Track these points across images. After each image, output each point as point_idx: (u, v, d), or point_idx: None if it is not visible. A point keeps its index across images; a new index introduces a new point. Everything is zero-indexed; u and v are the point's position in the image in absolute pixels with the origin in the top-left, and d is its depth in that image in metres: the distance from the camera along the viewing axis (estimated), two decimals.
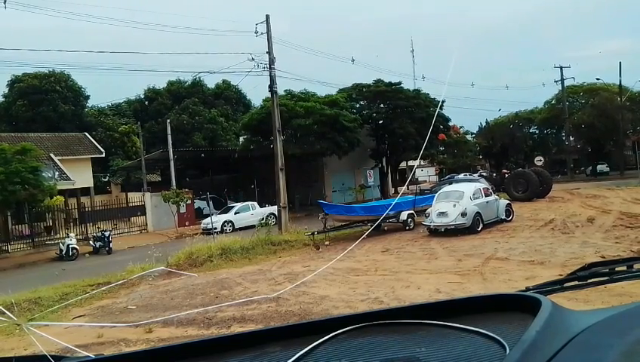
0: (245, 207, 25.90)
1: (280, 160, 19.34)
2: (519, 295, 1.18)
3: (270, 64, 19.30)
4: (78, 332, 7.50)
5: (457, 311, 1.13)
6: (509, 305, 1.13)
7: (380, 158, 37.60)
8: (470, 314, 1.11)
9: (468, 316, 1.10)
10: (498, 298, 1.20)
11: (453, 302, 1.22)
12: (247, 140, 30.69)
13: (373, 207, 16.97)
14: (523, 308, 1.06)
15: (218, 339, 1.18)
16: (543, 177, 24.79)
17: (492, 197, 15.83)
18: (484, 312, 1.13)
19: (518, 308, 1.09)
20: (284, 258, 13.59)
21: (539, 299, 1.02)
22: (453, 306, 1.18)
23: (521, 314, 1.05)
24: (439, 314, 1.11)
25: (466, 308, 1.15)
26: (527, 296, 1.13)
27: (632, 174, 39.00)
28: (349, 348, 1.04)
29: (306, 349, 1.01)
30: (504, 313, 1.11)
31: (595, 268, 1.53)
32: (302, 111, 27.38)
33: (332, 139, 28.06)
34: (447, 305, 1.21)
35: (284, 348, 1.07)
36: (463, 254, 11.23)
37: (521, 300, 1.11)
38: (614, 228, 12.64)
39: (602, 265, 1.57)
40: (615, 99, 40.26)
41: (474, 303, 1.18)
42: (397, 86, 33.57)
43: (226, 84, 50.57)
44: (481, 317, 1.08)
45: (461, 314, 1.11)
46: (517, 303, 1.11)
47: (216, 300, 9.28)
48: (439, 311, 1.15)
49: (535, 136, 54.75)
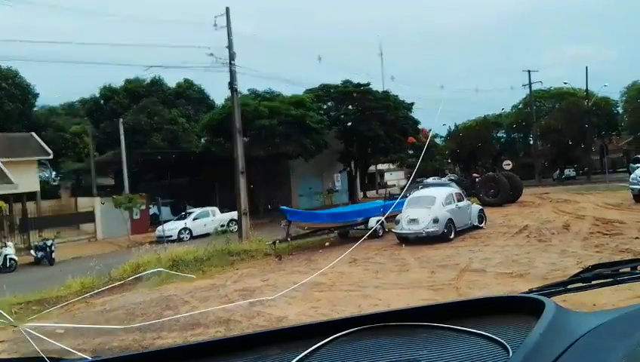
0: (205, 213, 24.47)
1: (240, 162, 18.07)
2: (522, 297, 1.18)
3: (230, 60, 18.05)
4: None
5: (460, 313, 1.13)
6: (512, 307, 1.12)
7: (348, 162, 36.70)
8: (473, 317, 1.10)
9: (470, 318, 1.09)
10: (501, 300, 1.20)
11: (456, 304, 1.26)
12: (208, 141, 29.23)
13: (340, 214, 15.90)
14: (526, 310, 1.05)
15: (217, 342, 1.17)
16: (514, 181, 24.37)
17: (464, 202, 15.03)
18: (486, 314, 1.12)
19: (521, 310, 1.08)
20: (242, 270, 12.36)
21: (542, 301, 1.02)
22: (456, 308, 1.18)
23: (524, 316, 1.04)
24: (441, 316, 1.10)
25: (468, 310, 1.15)
26: (530, 297, 1.13)
27: (598, 178, 39.49)
28: (350, 350, 1.03)
29: (306, 352, 1.00)
30: (507, 315, 1.10)
31: (598, 270, 1.52)
32: (266, 112, 26.15)
33: (298, 141, 26.92)
34: (449, 307, 1.21)
35: (284, 351, 1.06)
36: (436, 265, 10.28)
37: (525, 302, 1.11)
38: (592, 235, 11.97)
39: (606, 267, 1.56)
40: (582, 103, 40.72)
41: (476, 305, 1.17)
42: (365, 87, 32.76)
43: (188, 83, 48.73)
44: (484, 320, 1.08)
45: (463, 316, 1.10)
46: (520, 305, 1.10)
47: (158, 322, 7.96)
48: (441, 313, 1.14)
49: (503, 141, 55.21)
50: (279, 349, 1.09)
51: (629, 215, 14.60)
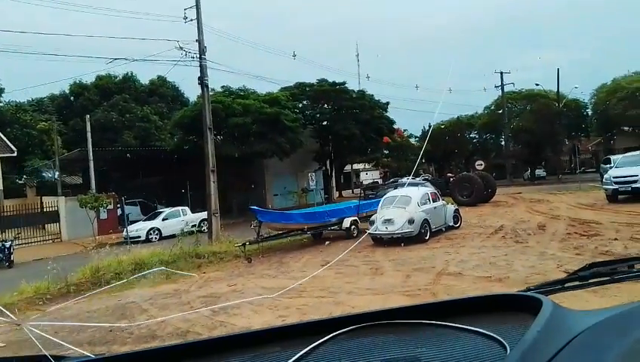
0: (175, 213, 23.60)
1: (211, 160, 17.39)
2: (520, 295, 1.18)
3: (200, 53, 17.34)
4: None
5: (458, 311, 1.13)
6: (509, 305, 1.13)
7: (323, 161, 36.27)
8: (471, 314, 1.10)
9: (468, 316, 1.09)
10: (499, 298, 1.20)
11: (454, 301, 1.22)
12: (179, 139, 28.32)
13: (313, 214, 15.39)
14: (524, 308, 1.06)
15: (218, 339, 1.16)
16: (488, 181, 24.33)
17: (440, 202, 14.73)
18: (484, 312, 1.13)
19: (519, 308, 1.09)
20: (209, 273, 11.72)
21: (540, 299, 1.03)
22: (454, 306, 1.18)
23: (522, 314, 1.05)
24: (440, 314, 1.11)
25: (466, 308, 1.15)
26: (528, 296, 1.13)
27: (568, 179, 40.13)
28: (349, 348, 1.03)
29: (306, 349, 1.00)
30: (505, 313, 1.11)
31: (596, 268, 1.53)
32: (240, 109, 25.47)
33: (273, 140, 26.32)
34: (447, 305, 1.21)
35: (284, 348, 1.06)
36: (411, 268, 9.88)
37: (522, 300, 1.11)
38: (569, 236, 11.78)
39: (603, 265, 1.57)
40: (553, 105, 41.28)
41: (474, 303, 1.18)
42: (341, 86, 32.38)
43: (162, 80, 47.50)
44: (482, 317, 1.08)
45: (462, 313, 1.11)
46: (518, 303, 1.11)
47: (109, 335, 7.30)
48: (440, 310, 1.14)
49: (475, 141, 55.73)
50: (279, 347, 1.08)
51: (604, 215, 14.54)
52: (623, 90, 37.46)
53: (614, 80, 40.99)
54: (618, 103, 37.51)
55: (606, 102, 39.81)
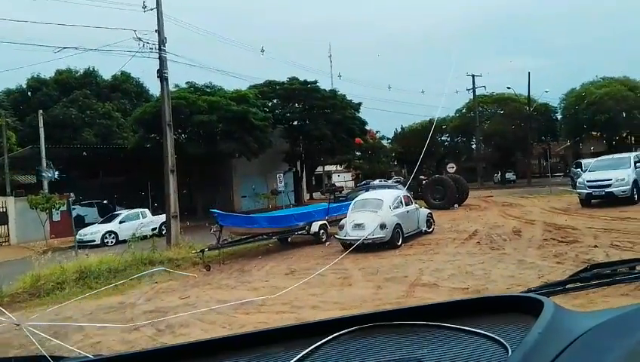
0: (133, 215, 22.22)
1: (170, 160, 16.27)
2: (521, 296, 1.19)
3: (160, 45, 16.19)
4: None
5: (459, 312, 1.13)
6: (511, 306, 1.13)
7: (294, 162, 35.35)
8: (472, 316, 1.11)
9: (469, 317, 1.09)
10: (500, 299, 1.20)
11: (455, 303, 1.23)
12: (140, 137, 26.90)
13: (279, 218, 14.43)
14: (525, 310, 1.06)
15: (219, 340, 1.16)
16: (460, 184, 23.90)
17: (412, 206, 14.03)
18: (485, 313, 1.13)
19: (520, 309, 1.09)
20: (162, 283, 10.65)
21: (541, 301, 1.03)
22: (455, 307, 1.18)
23: (523, 315, 1.05)
24: (441, 315, 1.11)
25: (467, 309, 1.15)
26: (529, 297, 1.13)
27: (537, 182, 40.40)
28: (351, 349, 1.03)
29: (308, 350, 1.01)
30: (506, 314, 1.11)
31: (597, 270, 1.53)
32: (205, 107, 24.28)
33: (240, 139, 25.24)
34: (449, 306, 1.21)
35: (285, 349, 1.06)
36: (382, 278, 9.10)
37: (524, 301, 1.11)
38: (546, 242, 11.23)
39: (604, 267, 1.56)
40: (523, 109, 41.50)
41: (476, 304, 1.18)
42: (312, 85, 31.54)
43: (125, 75, 45.64)
44: (483, 319, 1.08)
45: (463, 315, 1.11)
46: (519, 304, 1.11)
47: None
48: (441, 312, 1.14)
49: (447, 144, 55.82)
50: (280, 347, 1.08)
51: (579, 220, 14.14)
52: (592, 95, 37.89)
53: (583, 85, 41.51)
54: (587, 108, 37.93)
55: (575, 107, 40.23)
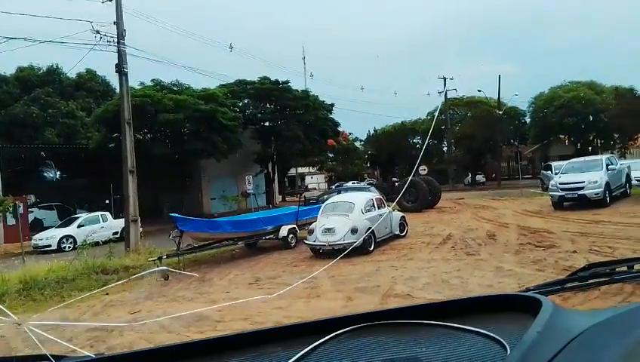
0: (93, 219, 21.05)
1: (130, 160, 15.28)
2: (520, 295, 1.19)
3: (119, 37, 15.22)
4: None
5: (458, 312, 1.13)
6: (509, 305, 1.13)
7: (265, 163, 34.49)
8: (471, 315, 1.11)
9: (468, 316, 1.09)
10: (499, 298, 1.20)
11: (454, 302, 1.22)
12: (102, 137, 25.64)
13: (245, 222, 13.63)
14: (523, 309, 1.06)
15: (219, 339, 1.16)
16: (433, 186, 23.59)
17: (385, 209, 13.47)
18: (484, 312, 1.13)
19: (519, 308, 1.08)
20: (114, 295, 9.76)
21: (539, 300, 1.03)
22: (454, 306, 1.18)
23: (521, 314, 1.05)
24: (440, 314, 1.11)
25: (466, 308, 1.15)
26: (527, 296, 1.13)
27: (507, 184, 40.72)
28: (350, 348, 1.03)
29: (307, 349, 1.00)
30: (505, 313, 1.11)
31: (595, 269, 1.54)
32: (171, 105, 23.25)
33: (208, 139, 24.27)
34: (447, 305, 1.21)
35: (285, 348, 1.06)
36: (353, 288, 8.48)
37: (522, 300, 1.11)
38: (522, 247, 10.85)
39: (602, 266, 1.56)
40: (493, 112, 41.81)
41: (475, 303, 1.18)
42: (284, 85, 30.81)
43: (90, 73, 43.83)
44: (482, 318, 1.08)
45: (461, 314, 1.11)
46: (517, 303, 1.11)
47: None
48: (440, 311, 1.14)
49: (418, 146, 55.94)
50: (280, 346, 1.07)
51: (553, 223, 13.89)
52: (560, 99, 38.41)
53: (552, 89, 42.11)
54: (555, 111, 38.43)
55: (544, 110, 40.75)
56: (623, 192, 18.03)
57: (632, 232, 11.16)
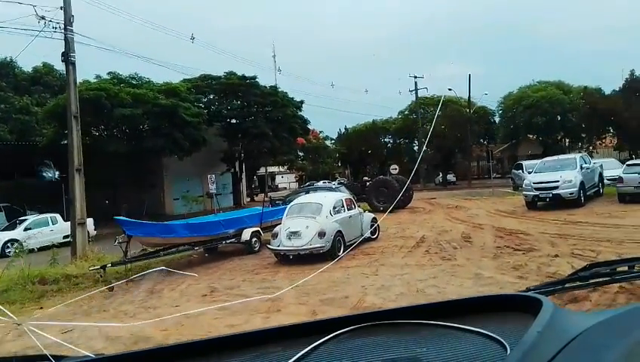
0: (42, 221, 19.51)
1: (77, 157, 13.97)
2: (520, 295, 1.17)
3: (66, 24, 13.89)
4: None
5: (458, 311, 1.12)
6: (509, 305, 1.12)
7: (232, 162, 33.28)
8: (471, 315, 1.10)
9: (469, 316, 1.08)
10: (499, 298, 1.19)
11: (454, 302, 1.21)
12: (54, 133, 23.97)
13: (203, 225, 12.53)
14: (524, 309, 1.05)
15: (219, 339, 1.14)
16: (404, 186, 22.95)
17: (356, 210, 12.67)
18: (484, 312, 1.12)
19: (519, 308, 1.08)
20: (48, 309, 8.55)
21: (540, 300, 1.02)
22: (455, 306, 1.17)
23: (522, 314, 1.04)
24: (440, 314, 1.10)
25: (466, 308, 1.14)
26: (528, 296, 1.12)
27: (477, 184, 40.74)
28: (351, 348, 1.03)
29: (307, 349, 1.00)
30: (505, 313, 1.10)
31: (596, 269, 1.51)
32: (129, 99, 21.84)
33: (169, 136, 22.95)
34: (448, 305, 1.19)
35: (285, 348, 1.05)
36: (319, 299, 7.61)
37: (522, 300, 1.10)
38: (500, 250, 10.19)
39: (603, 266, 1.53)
40: (464, 111, 41.72)
41: (475, 303, 1.17)
42: (251, 80, 29.68)
43: (48, 67, 41.64)
44: (482, 318, 1.08)
45: (462, 314, 1.10)
46: (518, 303, 1.10)
47: None
48: (440, 311, 1.13)
49: (390, 145, 55.64)
50: (280, 346, 1.06)
51: (529, 224, 13.36)
52: (529, 99, 38.58)
53: (520, 88, 42.33)
54: (524, 111, 38.57)
55: (513, 110, 40.90)
56: (596, 192, 17.79)
57: (612, 234, 10.67)
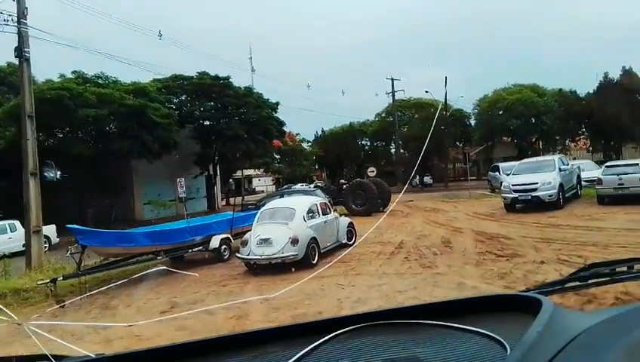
0: (0, 228, 18.31)
1: (31, 160, 12.99)
2: (520, 295, 1.18)
3: (19, 17, 12.89)
4: None
5: (458, 312, 1.12)
6: (509, 305, 1.12)
7: (206, 165, 32.31)
8: (471, 315, 1.10)
9: (469, 316, 1.08)
10: (499, 298, 1.19)
11: (454, 302, 1.21)
12: (13, 134, 22.61)
13: (166, 233, 11.64)
14: (524, 309, 1.05)
15: (218, 339, 1.14)
16: (382, 189, 22.47)
17: (331, 215, 12.03)
18: (484, 312, 1.12)
19: (519, 308, 1.08)
20: None
21: (539, 300, 1.02)
22: (454, 306, 1.17)
23: (521, 314, 1.04)
24: (440, 314, 1.10)
25: (466, 308, 1.14)
26: (527, 296, 1.12)
27: (454, 186, 40.67)
28: (350, 348, 1.02)
29: (307, 349, 0.99)
30: (505, 313, 1.10)
31: (595, 269, 1.52)
32: (94, 99, 20.76)
33: (137, 138, 21.93)
34: (448, 306, 1.19)
35: (284, 348, 1.05)
36: (290, 315, 6.94)
37: (522, 300, 1.10)
38: (482, 256, 9.70)
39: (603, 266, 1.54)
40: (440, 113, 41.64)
41: (475, 303, 1.17)
42: (225, 81, 28.82)
43: (12, 67, 39.76)
44: (482, 318, 1.08)
45: (462, 314, 1.10)
46: (518, 303, 1.10)
47: None
48: (440, 311, 1.13)
49: (367, 148, 55.36)
50: (280, 346, 1.06)
51: (509, 228, 12.95)
52: (504, 101, 38.72)
53: (495, 91, 42.52)
54: (500, 114, 38.70)
55: (488, 112, 41.03)
56: (575, 194, 17.59)
57: (595, 237, 10.30)
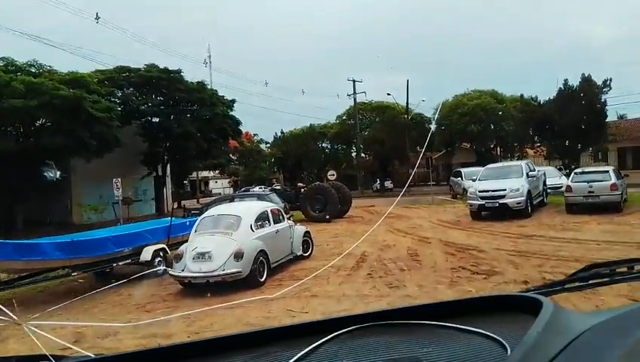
0: None
1: None
2: (520, 296, 1.17)
3: None
4: None
5: (458, 312, 1.11)
6: (510, 305, 1.12)
7: (154, 165, 30.09)
8: (471, 315, 1.09)
9: (469, 316, 1.08)
10: (499, 298, 1.19)
11: (455, 302, 1.20)
12: None
13: (85, 243, 9.73)
14: (524, 309, 1.04)
15: (219, 339, 1.14)
16: (343, 193, 21.21)
17: (285, 223, 10.56)
18: (485, 313, 1.11)
19: (520, 308, 1.07)
20: None
21: (540, 300, 1.01)
22: (455, 307, 1.16)
23: (522, 315, 1.03)
24: (441, 315, 1.09)
25: (467, 309, 1.14)
26: (528, 296, 1.11)
27: (415, 191, 40.09)
28: (351, 348, 1.02)
29: (308, 349, 1.00)
30: (505, 314, 1.10)
31: (596, 269, 1.51)
32: (21, 89, 18.44)
33: (72, 133, 19.70)
34: (448, 306, 1.19)
35: (285, 348, 1.05)
36: None
37: (523, 301, 1.10)
38: (455, 272, 8.53)
39: (603, 266, 1.54)
40: (401, 117, 41.12)
41: (475, 304, 1.16)
42: (175, 74, 26.83)
43: None
44: (483, 318, 1.07)
45: (462, 314, 1.09)
46: (518, 304, 1.10)
47: None
48: (441, 311, 1.13)
49: (327, 151, 54.29)
50: (280, 347, 1.06)
51: (479, 238, 11.93)
52: (464, 107, 38.52)
53: (455, 96, 42.37)
54: (460, 119, 38.46)
55: (448, 118, 40.76)
56: (541, 201, 16.94)
57: (576, 251, 9.36)
